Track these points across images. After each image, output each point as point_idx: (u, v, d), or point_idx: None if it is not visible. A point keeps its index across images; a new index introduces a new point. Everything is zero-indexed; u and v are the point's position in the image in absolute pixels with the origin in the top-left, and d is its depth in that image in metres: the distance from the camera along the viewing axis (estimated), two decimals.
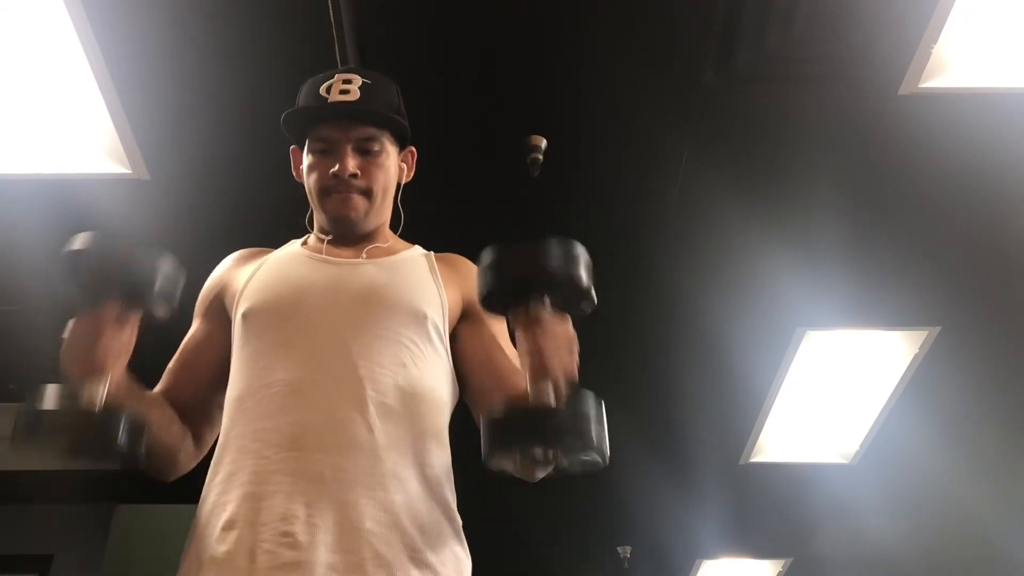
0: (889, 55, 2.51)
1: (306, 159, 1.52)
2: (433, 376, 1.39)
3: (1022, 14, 2.44)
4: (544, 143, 2.80)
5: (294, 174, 1.58)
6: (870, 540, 5.66)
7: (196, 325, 1.51)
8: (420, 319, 1.40)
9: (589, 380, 1.20)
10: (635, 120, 2.76)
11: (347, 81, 1.48)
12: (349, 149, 1.47)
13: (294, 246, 1.55)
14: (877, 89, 2.61)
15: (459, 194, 3.02)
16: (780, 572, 6.24)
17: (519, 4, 2.43)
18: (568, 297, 1.20)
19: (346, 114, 1.47)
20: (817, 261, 3.34)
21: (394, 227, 1.62)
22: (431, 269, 1.50)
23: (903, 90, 2.60)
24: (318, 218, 1.54)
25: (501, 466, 1.17)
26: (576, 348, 1.20)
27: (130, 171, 2.84)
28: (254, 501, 1.22)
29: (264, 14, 2.41)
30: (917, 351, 3.84)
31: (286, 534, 1.19)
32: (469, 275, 1.50)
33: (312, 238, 1.56)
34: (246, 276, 1.47)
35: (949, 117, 2.70)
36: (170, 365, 1.47)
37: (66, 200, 2.94)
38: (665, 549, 5.92)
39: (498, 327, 1.49)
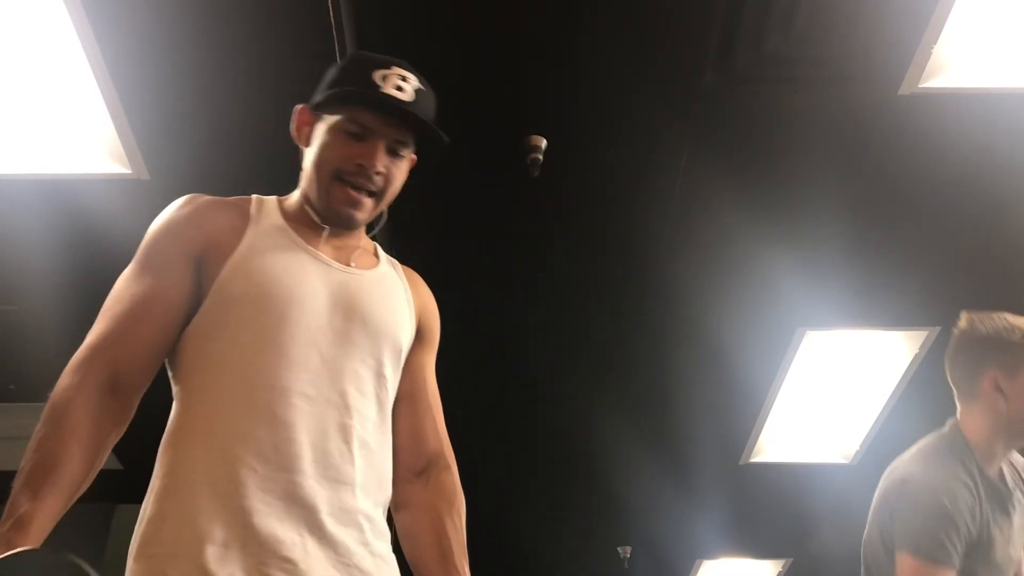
0: (889, 55, 2.51)
1: (327, 132, 1.39)
2: (392, 411, 1.42)
3: (1022, 14, 2.44)
4: (544, 143, 2.80)
5: (293, 132, 1.46)
6: None
7: (167, 273, 1.33)
8: (397, 351, 1.40)
9: (589, 380, 1.20)
10: (635, 120, 2.76)
11: (403, 78, 1.40)
12: (383, 145, 1.38)
13: (274, 217, 1.41)
14: (877, 89, 2.61)
15: (459, 194, 3.01)
16: (780, 572, 6.23)
17: (519, 4, 2.43)
18: None
19: (405, 117, 1.38)
20: (817, 261, 3.34)
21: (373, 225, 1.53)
22: (405, 291, 1.47)
23: (903, 90, 2.60)
24: (311, 191, 1.42)
25: None
26: None
27: (130, 171, 2.84)
28: (244, 516, 1.19)
29: (264, 14, 2.41)
30: (917, 351, 3.84)
31: (287, 560, 1.19)
32: (427, 301, 1.52)
33: (298, 213, 1.43)
34: (231, 242, 1.35)
35: (949, 117, 2.70)
36: (121, 320, 1.29)
37: (66, 200, 2.94)
38: (665, 549, 5.91)
39: (428, 358, 1.51)
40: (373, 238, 1.54)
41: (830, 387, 4.21)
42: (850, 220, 3.15)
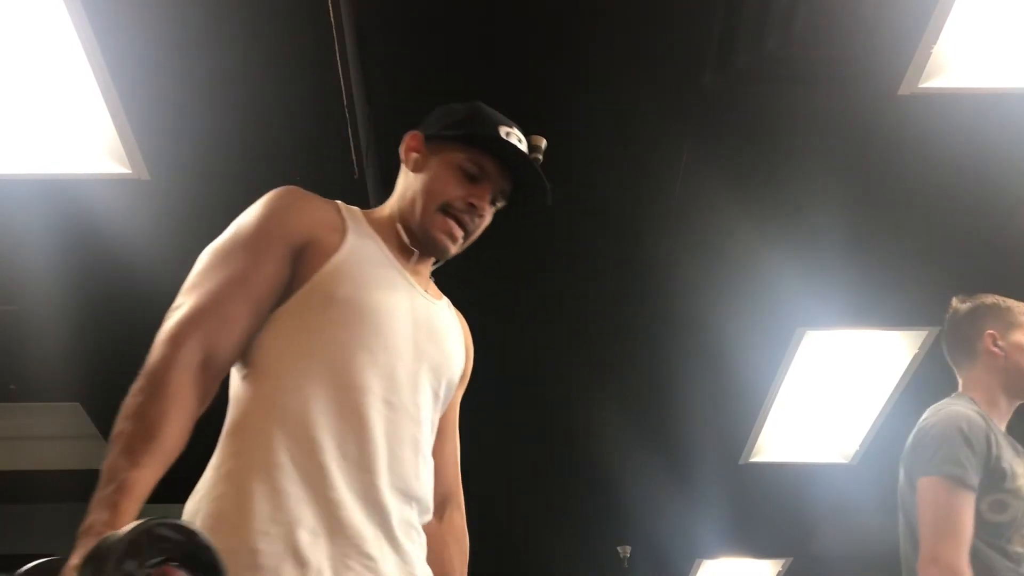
0: (889, 55, 2.51)
1: (444, 165, 1.46)
2: None
3: (1022, 14, 2.44)
4: (544, 143, 2.80)
5: (402, 154, 1.51)
6: (870, 540, 5.66)
7: (266, 256, 1.33)
8: (452, 384, 1.46)
9: (589, 380, 1.20)
10: (635, 120, 2.76)
11: (520, 140, 1.53)
12: (490, 192, 1.47)
13: (367, 228, 1.45)
14: (877, 89, 2.61)
15: None
16: (780, 572, 6.23)
17: (519, 4, 2.43)
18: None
19: (528, 173, 1.52)
20: (817, 261, 3.34)
21: None
22: (460, 330, 1.54)
23: (903, 90, 2.60)
24: (410, 214, 1.45)
25: None
26: None
27: (130, 171, 2.84)
28: (333, 507, 1.24)
29: (264, 14, 2.41)
30: (917, 351, 3.84)
31: (368, 556, 1.25)
32: (470, 344, 1.58)
33: (387, 231, 1.47)
34: (333, 240, 1.37)
35: (949, 117, 2.70)
36: (215, 295, 1.28)
37: (66, 200, 2.94)
38: (665, 549, 5.91)
39: (459, 399, 1.57)
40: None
41: (830, 387, 4.21)
42: (850, 220, 3.15)
